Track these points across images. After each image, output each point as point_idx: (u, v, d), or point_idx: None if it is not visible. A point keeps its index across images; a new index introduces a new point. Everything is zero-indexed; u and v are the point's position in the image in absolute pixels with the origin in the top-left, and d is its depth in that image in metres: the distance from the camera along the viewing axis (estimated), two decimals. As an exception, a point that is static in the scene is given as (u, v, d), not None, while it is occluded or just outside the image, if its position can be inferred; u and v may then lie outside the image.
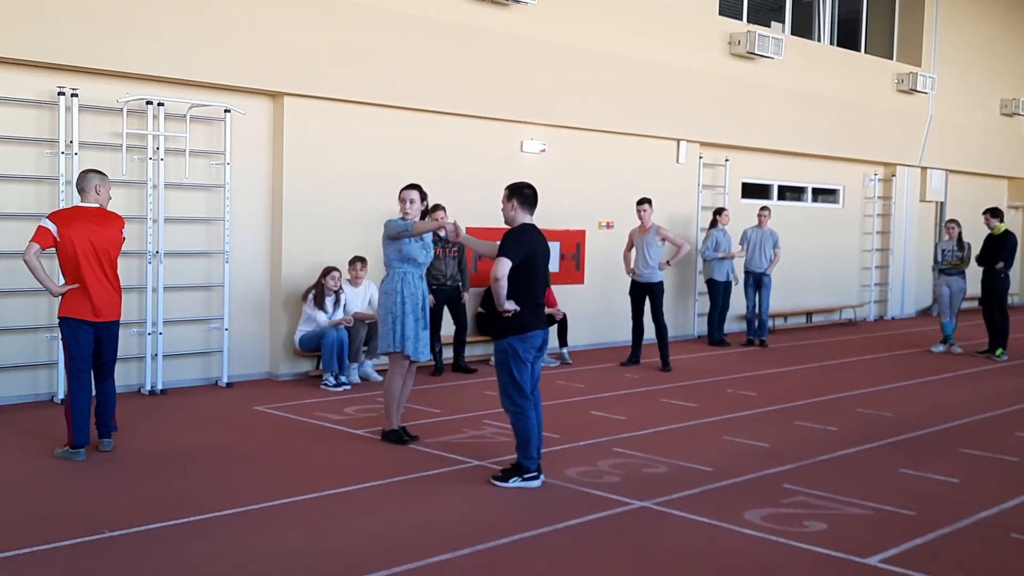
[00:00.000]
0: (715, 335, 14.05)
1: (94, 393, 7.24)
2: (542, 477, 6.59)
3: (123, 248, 7.72)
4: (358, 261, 10.46)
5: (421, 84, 11.13)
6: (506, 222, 6.73)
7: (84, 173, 7.21)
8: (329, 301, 10.11)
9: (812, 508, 6.23)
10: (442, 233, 7.62)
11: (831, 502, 6.35)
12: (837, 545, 5.51)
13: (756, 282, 14.28)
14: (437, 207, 10.49)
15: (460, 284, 11.08)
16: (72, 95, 8.89)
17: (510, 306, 6.44)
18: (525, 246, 6.50)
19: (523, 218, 6.65)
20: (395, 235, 7.62)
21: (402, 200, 7.75)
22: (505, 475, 6.57)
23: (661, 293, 11.91)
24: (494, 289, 6.44)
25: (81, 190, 7.14)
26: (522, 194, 6.66)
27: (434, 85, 11.25)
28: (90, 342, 7.07)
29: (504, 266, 6.38)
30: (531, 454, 6.52)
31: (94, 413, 7.21)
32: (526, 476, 6.52)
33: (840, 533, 5.74)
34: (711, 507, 6.18)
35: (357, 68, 10.58)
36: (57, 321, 7.20)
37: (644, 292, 11.95)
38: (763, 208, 14.53)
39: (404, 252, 7.66)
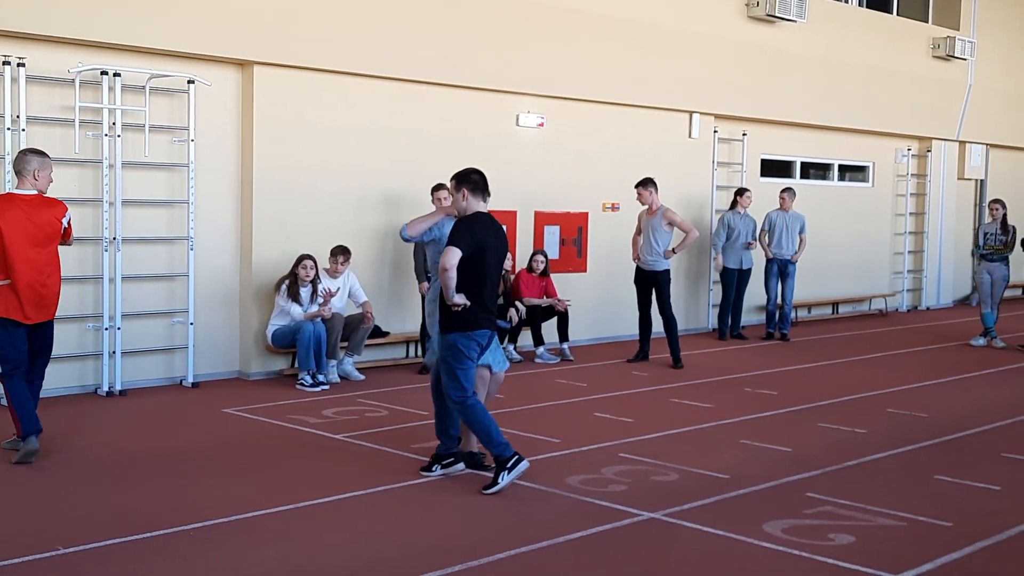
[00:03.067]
0: (725, 328, 14.06)
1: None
2: (525, 460, 6.71)
3: (76, 235, 7.76)
4: (340, 253, 10.44)
5: (406, 52, 11.11)
6: (458, 213, 6.87)
7: (22, 154, 7.18)
8: (304, 292, 10.11)
9: (838, 519, 6.24)
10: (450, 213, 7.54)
11: (859, 512, 6.37)
12: (866, 560, 5.52)
13: (781, 271, 14.28)
14: (440, 186, 10.46)
15: None
16: (18, 65, 8.86)
17: (459, 299, 6.61)
18: (476, 236, 6.67)
19: (476, 207, 6.82)
20: (407, 240, 7.66)
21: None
22: (493, 479, 6.64)
23: (667, 283, 11.91)
24: (442, 280, 6.62)
25: (17, 172, 7.11)
26: (471, 181, 6.82)
27: (420, 53, 11.23)
28: (23, 342, 7.13)
29: (453, 256, 6.53)
30: (497, 440, 6.66)
31: (31, 417, 7.22)
32: (510, 466, 6.61)
33: (869, 547, 5.75)
34: (727, 518, 6.19)
35: (335, 34, 10.55)
36: None
37: (649, 281, 11.96)
38: (785, 190, 14.52)
39: (433, 257, 7.73)
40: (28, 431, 7.10)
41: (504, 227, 7.10)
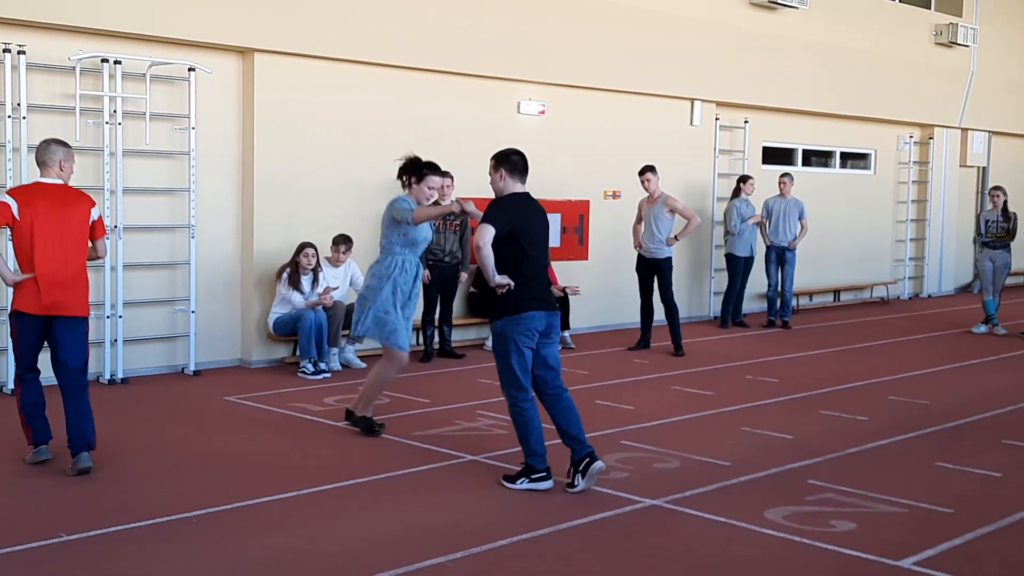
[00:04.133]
0: (728, 316, 14.06)
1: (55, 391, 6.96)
2: (551, 480, 6.49)
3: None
4: (342, 242, 10.44)
5: (407, 39, 11.09)
6: (495, 194, 6.69)
7: (46, 144, 6.81)
8: (305, 280, 10.11)
9: (840, 506, 6.25)
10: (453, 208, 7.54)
11: (861, 499, 6.38)
12: (867, 546, 5.53)
13: (779, 258, 14.27)
14: (444, 174, 10.41)
15: (459, 262, 11.09)
16: (19, 52, 8.85)
17: (501, 280, 6.35)
18: (512, 215, 6.43)
19: (513, 188, 6.59)
20: (400, 219, 7.58)
21: (430, 188, 7.74)
22: (516, 476, 6.54)
23: (669, 270, 11.90)
24: (479, 260, 6.39)
25: (41, 163, 6.74)
26: (510, 162, 6.58)
27: (422, 40, 11.21)
28: (37, 339, 6.72)
29: (486, 233, 6.26)
30: (534, 450, 6.46)
31: (66, 428, 6.77)
32: (534, 477, 6.47)
33: (870, 533, 5.76)
34: (728, 505, 6.20)
35: (336, 22, 10.53)
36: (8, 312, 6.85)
37: (651, 269, 11.95)
38: (784, 175, 14.51)
39: (410, 237, 7.64)
40: (38, 440, 6.81)
41: (544, 209, 6.81)
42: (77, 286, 6.73)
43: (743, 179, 14.20)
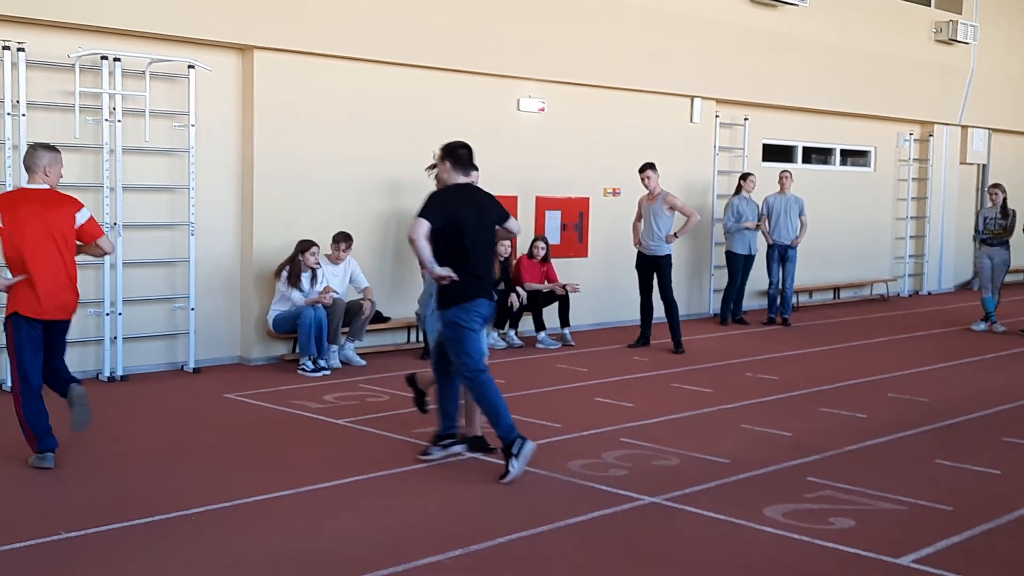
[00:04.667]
0: (728, 314, 14.07)
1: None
2: (529, 442, 6.58)
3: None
4: (342, 240, 10.44)
5: (407, 37, 11.08)
6: (439, 185, 6.83)
7: (32, 149, 6.80)
8: (305, 278, 10.10)
9: (839, 503, 6.25)
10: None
11: (860, 496, 6.38)
12: (866, 544, 5.53)
13: (781, 255, 14.27)
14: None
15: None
16: (18, 49, 8.84)
17: (442, 272, 6.61)
18: (447, 207, 6.65)
19: (456, 179, 6.81)
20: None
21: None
22: (505, 469, 6.53)
23: (668, 268, 11.90)
24: (415, 253, 6.64)
25: (28, 168, 6.75)
26: (455, 154, 6.82)
27: (421, 38, 11.20)
28: (39, 341, 6.75)
29: (418, 226, 6.53)
30: (504, 422, 6.58)
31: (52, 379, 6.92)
32: (515, 452, 6.48)
33: (870, 531, 5.76)
34: (728, 503, 6.20)
35: (335, 19, 10.52)
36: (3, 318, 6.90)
37: (650, 266, 11.95)
38: (784, 172, 14.51)
39: None
40: (44, 448, 6.72)
41: (492, 196, 6.99)
42: (74, 289, 6.83)
43: (744, 176, 14.21)
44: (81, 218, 6.81)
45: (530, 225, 12.69)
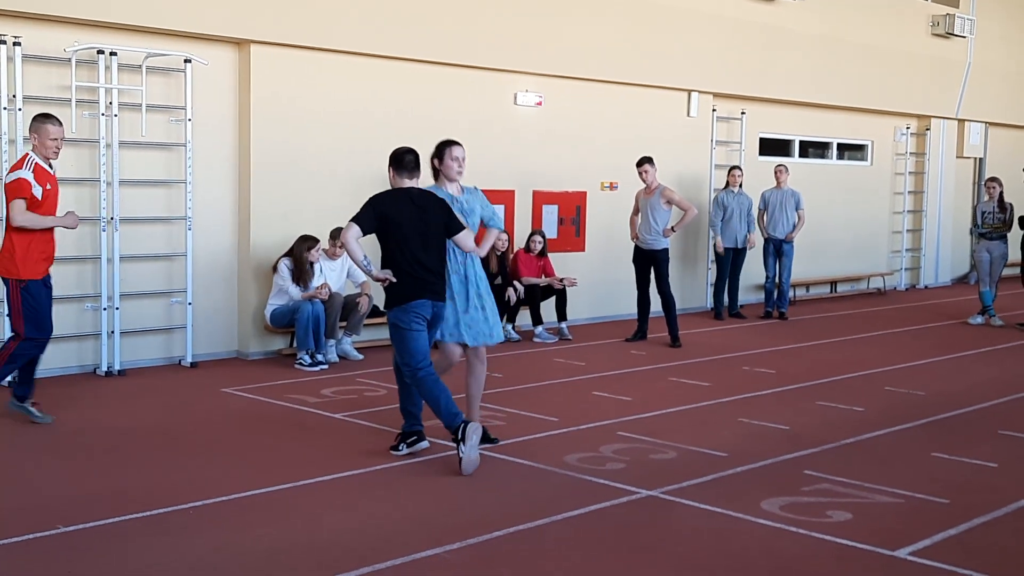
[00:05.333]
0: (721, 308, 14.06)
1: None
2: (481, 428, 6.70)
3: (76, 211, 7.94)
4: (338, 235, 10.41)
5: (404, 31, 11.06)
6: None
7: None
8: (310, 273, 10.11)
9: (836, 496, 6.26)
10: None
11: (856, 489, 6.39)
12: (863, 536, 5.55)
13: (777, 249, 14.27)
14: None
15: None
16: (14, 44, 8.82)
17: (379, 275, 6.74)
18: (377, 209, 6.75)
19: (399, 184, 6.91)
20: None
21: (452, 158, 7.21)
22: (458, 452, 6.54)
23: (665, 262, 11.90)
24: (348, 255, 6.82)
25: None
26: (399, 161, 6.92)
27: (418, 32, 11.19)
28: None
29: (348, 230, 6.66)
30: (451, 410, 6.62)
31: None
32: (463, 438, 6.49)
33: (866, 523, 5.77)
34: (725, 496, 6.21)
35: (332, 13, 10.50)
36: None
37: (647, 260, 11.95)
38: (780, 165, 14.51)
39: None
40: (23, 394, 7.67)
41: (436, 196, 6.92)
42: None
43: (730, 171, 14.19)
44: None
45: (527, 219, 12.69)
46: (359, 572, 4.95)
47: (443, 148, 7.30)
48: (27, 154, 7.53)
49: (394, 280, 6.72)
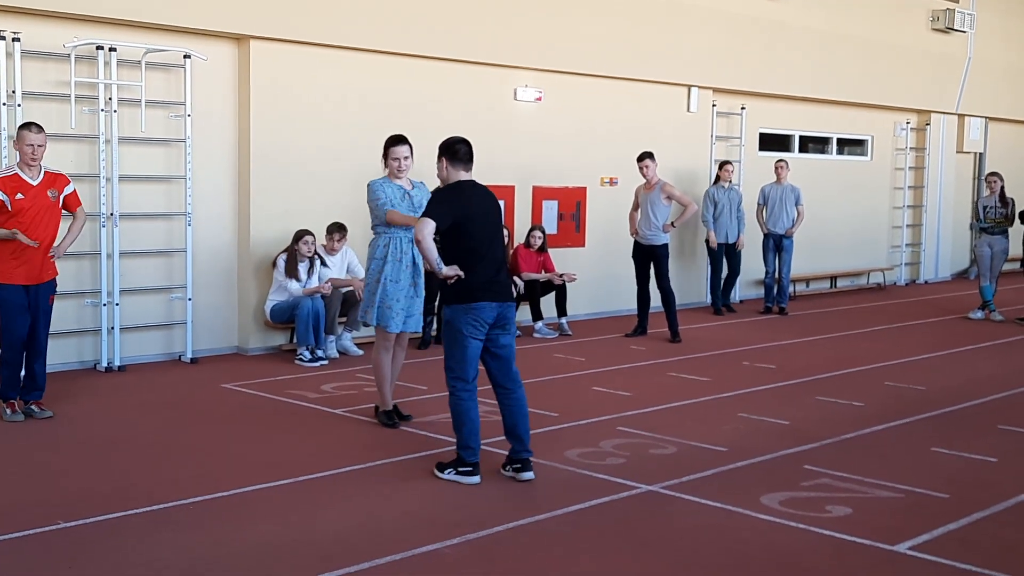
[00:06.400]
0: (719, 303, 14.06)
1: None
2: (478, 477, 6.35)
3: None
4: (337, 230, 10.43)
5: (404, 26, 11.06)
6: (441, 183, 6.67)
7: None
8: (303, 268, 10.10)
9: (835, 491, 6.27)
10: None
11: (856, 484, 6.39)
12: (863, 531, 5.55)
13: (777, 245, 14.27)
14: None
15: None
16: (13, 39, 8.81)
17: (449, 271, 6.24)
18: (455, 205, 6.35)
19: (457, 176, 6.52)
20: (372, 207, 7.59)
21: (393, 158, 7.60)
22: (445, 465, 6.44)
23: (665, 257, 11.89)
24: (422, 253, 6.38)
25: None
26: (452, 151, 6.51)
27: (418, 27, 11.18)
28: None
29: (425, 226, 6.19)
30: (466, 443, 6.33)
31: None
32: (461, 470, 6.35)
33: (866, 518, 5.78)
34: (725, 491, 6.21)
35: (331, 9, 10.49)
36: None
37: (647, 255, 11.94)
38: (780, 160, 14.50)
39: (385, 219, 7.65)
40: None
41: (494, 195, 6.80)
42: None
43: (721, 165, 14.17)
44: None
45: (527, 215, 12.68)
46: (358, 567, 4.95)
47: (387, 147, 7.66)
48: (11, 165, 7.52)
49: (462, 276, 6.25)
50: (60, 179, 7.66)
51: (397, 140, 7.64)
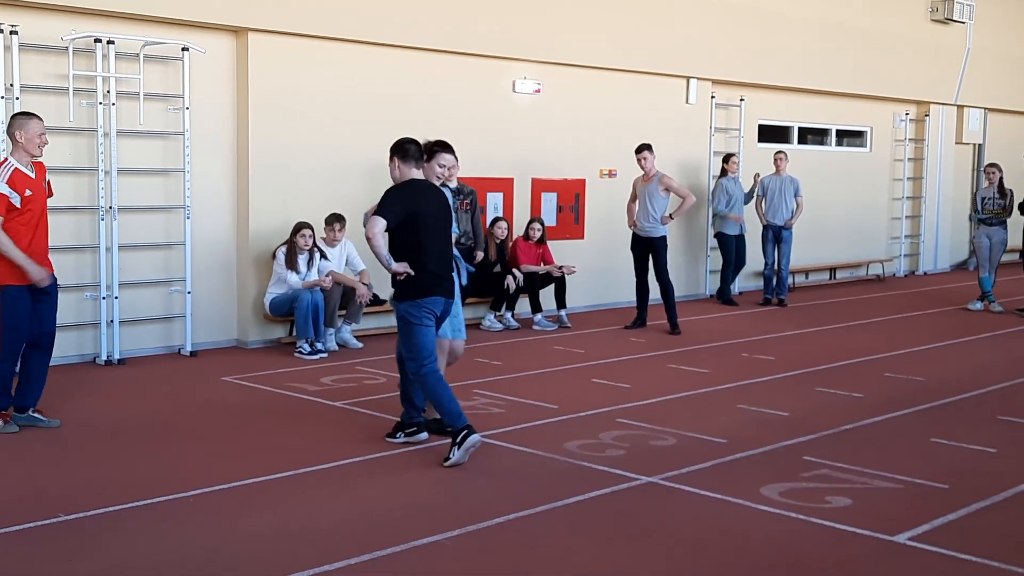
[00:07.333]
0: (729, 292, 14.09)
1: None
2: (476, 434, 6.50)
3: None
4: (336, 220, 10.42)
5: (402, 18, 11.04)
6: (393, 182, 6.79)
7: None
8: (302, 260, 10.09)
9: (835, 482, 6.27)
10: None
11: (856, 475, 6.39)
12: (863, 522, 5.55)
13: (776, 236, 14.27)
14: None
15: (473, 242, 11.16)
16: (11, 32, 8.79)
17: (398, 268, 6.56)
18: (406, 203, 6.59)
19: (409, 174, 6.74)
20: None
21: (441, 165, 7.09)
22: (450, 451, 6.49)
23: (663, 249, 11.89)
24: (372, 250, 6.58)
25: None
26: (403, 150, 6.74)
27: (416, 19, 11.16)
28: None
29: (375, 224, 6.44)
30: (449, 409, 6.54)
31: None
32: (459, 440, 6.43)
33: (866, 509, 5.78)
34: (724, 482, 6.22)
35: (330, 1, 10.48)
36: None
37: (645, 248, 11.94)
38: (779, 152, 14.50)
39: None
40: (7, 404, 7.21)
41: (444, 194, 6.93)
42: None
43: (727, 158, 14.19)
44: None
45: (526, 207, 12.67)
46: (359, 559, 4.96)
47: (432, 151, 7.23)
48: (5, 159, 7.07)
49: (412, 274, 6.58)
50: (42, 166, 7.30)
51: (446, 147, 7.21)
